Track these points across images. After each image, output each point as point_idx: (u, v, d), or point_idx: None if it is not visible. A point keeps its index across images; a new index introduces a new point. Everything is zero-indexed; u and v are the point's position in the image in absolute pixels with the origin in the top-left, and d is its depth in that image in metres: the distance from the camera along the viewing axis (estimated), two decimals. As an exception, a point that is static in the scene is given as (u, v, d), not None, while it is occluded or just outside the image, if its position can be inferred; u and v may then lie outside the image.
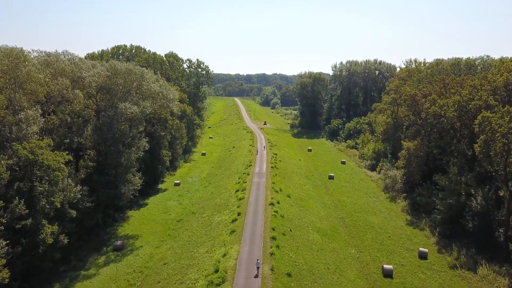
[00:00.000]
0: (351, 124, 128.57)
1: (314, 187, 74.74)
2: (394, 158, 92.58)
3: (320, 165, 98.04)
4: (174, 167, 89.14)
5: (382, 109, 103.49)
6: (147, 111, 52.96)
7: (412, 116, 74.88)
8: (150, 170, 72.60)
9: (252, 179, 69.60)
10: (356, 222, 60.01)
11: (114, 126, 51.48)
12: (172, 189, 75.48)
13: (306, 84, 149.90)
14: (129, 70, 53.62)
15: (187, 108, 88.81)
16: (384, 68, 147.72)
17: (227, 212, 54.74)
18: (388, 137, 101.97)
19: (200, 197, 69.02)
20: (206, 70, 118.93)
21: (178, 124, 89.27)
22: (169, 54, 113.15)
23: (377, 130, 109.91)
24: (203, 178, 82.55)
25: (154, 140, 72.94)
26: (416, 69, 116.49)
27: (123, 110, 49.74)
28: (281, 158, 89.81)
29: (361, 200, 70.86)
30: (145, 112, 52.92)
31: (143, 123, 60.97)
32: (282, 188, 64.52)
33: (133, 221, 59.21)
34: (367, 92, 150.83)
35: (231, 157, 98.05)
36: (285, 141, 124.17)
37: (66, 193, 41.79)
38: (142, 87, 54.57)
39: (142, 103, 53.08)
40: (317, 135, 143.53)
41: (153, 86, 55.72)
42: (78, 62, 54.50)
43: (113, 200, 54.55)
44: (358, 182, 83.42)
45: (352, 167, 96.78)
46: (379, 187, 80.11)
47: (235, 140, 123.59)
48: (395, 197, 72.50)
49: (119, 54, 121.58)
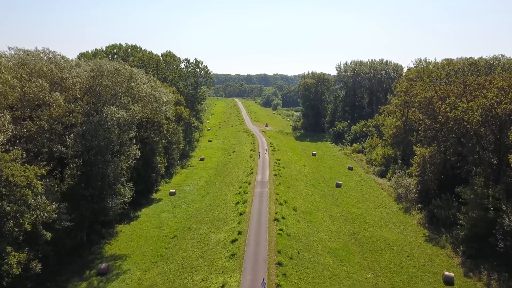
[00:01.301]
0: (357, 127, 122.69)
1: (321, 197, 68.84)
2: (405, 164, 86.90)
3: (326, 171, 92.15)
4: (170, 174, 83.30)
5: (391, 111, 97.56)
6: (136, 116, 47.03)
7: (428, 120, 68.97)
8: (143, 178, 66.77)
9: (254, 188, 63.75)
10: (369, 238, 54.12)
11: (100, 133, 45.63)
12: (167, 199, 69.63)
13: (309, 85, 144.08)
14: (116, 70, 47.81)
15: (183, 111, 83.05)
16: (390, 68, 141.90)
17: (226, 229, 48.86)
18: (398, 141, 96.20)
19: (196, 209, 63.15)
20: (205, 70, 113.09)
21: (175, 128, 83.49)
22: (165, 54, 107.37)
23: (385, 134, 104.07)
24: (201, 187, 76.68)
25: (147, 146, 67.13)
26: (426, 69, 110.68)
27: (109, 116, 43.84)
28: (284, 164, 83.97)
29: (372, 212, 64.98)
30: (134, 117, 46.95)
31: (134, 129, 55.09)
32: (287, 200, 58.64)
33: (122, 238, 53.36)
34: (372, 93, 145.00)
35: (231, 162, 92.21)
36: (288, 144, 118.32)
37: (39, 213, 35.92)
38: (131, 89, 48.73)
39: (131, 107, 47.20)
40: (321, 138, 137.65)
41: (144, 88, 49.88)
42: (60, 61, 48.68)
43: (98, 216, 48.68)
44: (367, 191, 77.55)
45: (360, 174, 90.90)
46: (391, 196, 74.24)
47: (236, 144, 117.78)
48: (409, 208, 66.64)
49: (114, 53, 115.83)
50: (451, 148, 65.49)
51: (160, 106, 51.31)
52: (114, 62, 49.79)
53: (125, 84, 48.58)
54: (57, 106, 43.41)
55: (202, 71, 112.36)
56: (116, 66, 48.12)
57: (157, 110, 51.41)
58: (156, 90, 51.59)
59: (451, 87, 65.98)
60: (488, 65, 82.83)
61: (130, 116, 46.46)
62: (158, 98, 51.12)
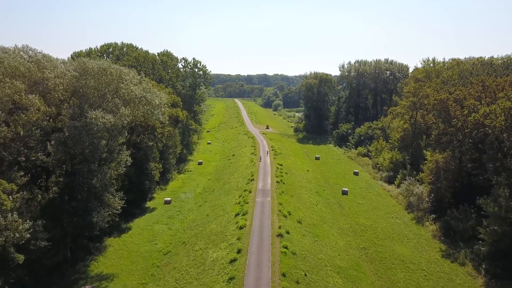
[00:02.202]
0: (361, 129, 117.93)
1: (327, 207, 64.14)
2: (415, 170, 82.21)
3: (330, 176, 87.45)
4: (165, 180, 78.61)
5: (399, 113, 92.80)
6: (125, 120, 42.34)
7: (441, 124, 64.23)
8: (135, 187, 62.14)
9: (255, 198, 59.06)
10: (381, 254, 49.45)
11: (84, 140, 40.97)
12: (161, 208, 64.96)
13: (311, 85, 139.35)
14: (102, 70, 43.15)
15: (180, 113, 78.34)
16: (395, 68, 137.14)
17: (224, 245, 44.16)
18: (406, 145, 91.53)
19: (193, 220, 58.46)
20: (203, 70, 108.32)
21: (171, 131, 78.88)
22: (162, 53, 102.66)
23: (392, 137, 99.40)
24: (198, 194, 71.96)
25: (140, 152, 62.51)
26: (435, 70, 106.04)
27: (94, 120, 39.18)
28: (287, 170, 79.25)
29: (383, 223, 60.31)
30: (123, 122, 42.28)
31: (124, 134, 50.45)
32: (291, 211, 53.91)
33: (111, 253, 48.68)
34: (377, 94, 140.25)
35: (231, 167, 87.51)
36: (290, 148, 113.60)
37: (9, 233, 31.26)
38: (119, 90, 44.03)
39: (120, 111, 42.53)
40: (324, 140, 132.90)
41: (135, 89, 45.18)
42: (41, 59, 43.99)
43: (82, 231, 44.00)
44: (375, 198, 72.85)
45: (367, 179, 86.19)
46: (401, 204, 69.56)
47: (236, 147, 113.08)
48: (421, 218, 61.97)
49: (110, 52, 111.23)
50: (467, 154, 60.84)
51: (152, 109, 46.55)
52: (101, 61, 45.12)
53: (113, 85, 43.87)
54: (35, 110, 38.74)
55: (201, 71, 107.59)
56: (102, 65, 43.45)
57: (149, 113, 46.63)
58: (148, 91, 46.88)
59: (467, 88, 61.18)
60: (506, 64, 77.98)
61: (119, 121, 41.66)
62: (150, 101, 46.42)
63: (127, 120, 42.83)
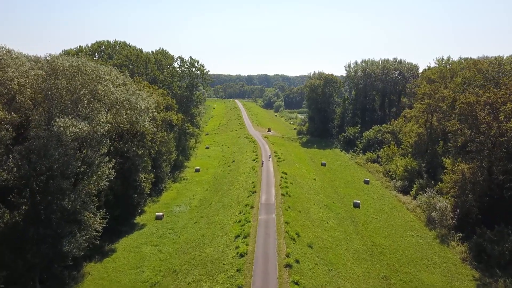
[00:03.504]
0: (370, 133, 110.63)
1: (339, 223, 56.85)
2: (432, 179, 74.99)
3: (339, 185, 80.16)
4: (158, 191, 71.34)
5: (414, 116, 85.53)
6: (101, 129, 35.11)
7: (468, 130, 56.96)
8: (122, 201, 54.90)
9: (257, 214, 51.81)
10: (406, 284, 42.19)
11: (51, 153, 33.72)
12: (152, 224, 57.72)
13: (316, 86, 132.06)
14: (76, 68, 35.95)
15: (174, 117, 71.09)
16: (404, 68, 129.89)
17: (222, 278, 36.86)
18: (421, 151, 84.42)
19: (187, 240, 51.17)
20: (201, 70, 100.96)
21: (165, 137, 71.67)
22: (156, 51, 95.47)
23: (404, 142, 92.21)
24: (194, 208, 64.67)
25: (127, 162, 55.28)
26: (450, 69, 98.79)
27: (61, 130, 31.96)
28: (292, 179, 71.99)
29: (403, 243, 53.04)
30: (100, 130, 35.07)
31: (106, 143, 43.29)
32: (300, 232, 46.61)
33: (89, 284, 41.43)
34: (385, 96, 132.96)
35: (231, 175, 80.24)
36: (294, 152, 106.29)
37: None
38: (97, 92, 36.81)
39: (97, 117, 35.33)
40: (329, 144, 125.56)
41: (116, 91, 37.94)
42: (4, 56, 36.80)
43: (52, 262, 36.74)
44: (390, 212, 65.61)
45: (379, 189, 78.89)
46: (420, 219, 62.35)
47: (236, 152, 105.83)
48: (446, 237, 54.74)
49: (101, 51, 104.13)
50: (498, 165, 53.63)
51: (137, 114, 39.32)
52: (74, 58, 37.89)
53: (89, 86, 36.62)
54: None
55: (198, 71, 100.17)
56: (76, 63, 36.24)
57: (133, 119, 39.42)
58: (132, 94, 39.66)
59: (501, 90, 53.89)
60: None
61: (96, 129, 34.45)
62: (135, 105, 39.15)
63: (105, 128, 35.51)
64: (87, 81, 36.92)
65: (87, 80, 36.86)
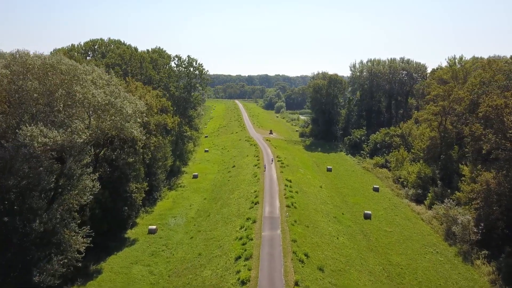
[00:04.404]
0: (377, 136, 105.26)
1: (350, 239, 51.49)
2: (447, 187, 69.70)
3: (347, 193, 74.81)
4: (152, 200, 65.96)
5: (426, 119, 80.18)
6: (78, 139, 29.79)
7: (493, 136, 51.61)
8: (110, 214, 49.56)
9: (261, 230, 46.47)
10: (431, 314, 36.85)
11: (17, 167, 28.41)
12: (144, 239, 52.35)
13: (320, 87, 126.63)
14: (50, 67, 30.64)
15: (169, 121, 65.69)
16: (412, 68, 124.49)
17: (220, 312, 31.54)
18: (434, 156, 79.07)
19: (182, 260, 45.81)
20: (199, 70, 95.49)
21: (160, 142, 66.35)
22: (152, 50, 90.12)
23: (415, 146, 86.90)
24: (191, 220, 59.29)
25: (116, 171, 49.93)
26: (463, 69, 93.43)
27: (27, 140, 26.65)
28: (297, 187, 66.68)
29: (422, 261, 47.69)
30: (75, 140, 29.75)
31: (89, 152, 38.01)
32: (309, 252, 41.27)
33: (69, 314, 36.11)
34: (392, 97, 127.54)
35: (231, 182, 74.89)
36: (297, 157, 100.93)
37: None
38: (74, 94, 31.47)
39: (73, 124, 30.02)
40: (334, 147, 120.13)
41: (98, 94, 32.61)
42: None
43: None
44: (404, 224, 60.28)
45: (390, 197, 73.54)
46: (437, 232, 57.08)
47: (236, 156, 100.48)
48: (469, 254, 49.41)
49: (95, 49, 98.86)
50: (528, 175, 48.33)
51: (122, 120, 34.00)
52: (47, 55, 32.60)
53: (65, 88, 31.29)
54: None
55: (197, 71, 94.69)
56: (49, 61, 30.90)
57: (118, 126, 34.10)
58: (118, 96, 34.31)
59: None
60: None
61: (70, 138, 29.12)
62: (120, 109, 33.81)
63: (83, 137, 30.20)
64: (64, 82, 31.56)
65: (64, 81, 31.49)
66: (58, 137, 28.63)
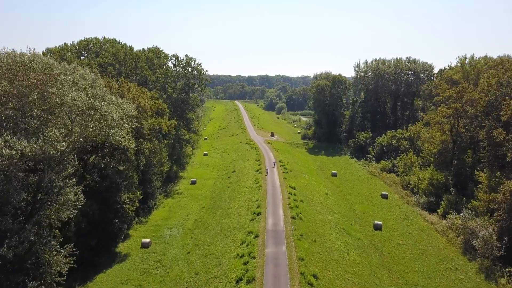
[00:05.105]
0: (384, 139, 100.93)
1: (362, 254, 47.14)
2: (461, 194, 65.48)
3: (354, 201, 70.49)
4: (147, 209, 61.63)
5: (438, 122, 75.88)
6: (52, 150, 25.50)
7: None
8: (99, 227, 45.35)
9: (264, 246, 42.15)
10: None
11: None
12: (136, 254, 48.01)
13: (323, 88, 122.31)
14: (20, 65, 26.33)
15: (164, 124, 61.35)
16: (419, 68, 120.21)
17: None
18: (446, 161, 74.75)
19: (177, 279, 41.47)
20: (198, 70, 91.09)
21: (155, 146, 62.07)
22: (148, 49, 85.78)
23: (424, 150, 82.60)
24: (188, 232, 54.91)
25: (105, 180, 45.65)
26: (474, 69, 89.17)
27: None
28: (302, 195, 62.39)
29: (441, 280, 43.45)
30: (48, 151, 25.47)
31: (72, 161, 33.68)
32: (318, 273, 36.94)
33: None
34: (397, 98, 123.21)
35: (231, 189, 70.54)
36: (300, 161, 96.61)
37: None
38: (50, 97, 27.17)
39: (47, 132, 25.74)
40: (338, 150, 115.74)
41: (78, 97, 28.28)
42: None
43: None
44: (418, 236, 55.99)
45: (399, 205, 69.24)
46: (454, 245, 52.83)
47: (236, 160, 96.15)
48: (491, 270, 45.31)
49: (89, 49, 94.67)
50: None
51: (107, 127, 29.68)
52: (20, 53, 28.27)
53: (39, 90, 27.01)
54: None
55: (195, 71, 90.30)
56: (19, 59, 26.59)
57: (102, 133, 29.81)
58: (102, 99, 30.00)
59: None
60: None
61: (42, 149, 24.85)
62: (104, 114, 29.51)
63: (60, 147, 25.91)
64: (38, 82, 27.28)
65: (38, 81, 27.21)
66: (28, 148, 24.34)
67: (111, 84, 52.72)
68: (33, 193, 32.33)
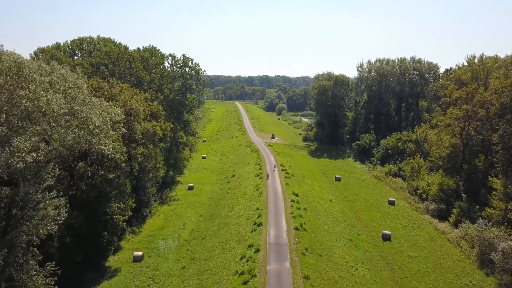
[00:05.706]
0: (389, 141, 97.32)
1: (371, 269, 43.56)
2: (474, 201, 61.89)
3: (360, 208, 66.90)
4: (141, 218, 58.06)
5: (448, 125, 72.34)
6: (18, 163, 21.95)
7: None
8: (87, 241, 41.80)
9: (265, 262, 38.58)
10: None
11: None
12: (127, 269, 44.39)
13: (325, 88, 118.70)
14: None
15: (158, 128, 57.76)
16: (424, 68, 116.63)
17: None
18: (455, 165, 71.17)
19: (170, 299, 37.91)
20: (195, 70, 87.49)
21: (150, 151, 58.51)
22: (143, 49, 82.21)
23: (432, 153, 79.09)
24: (183, 243, 51.30)
25: (93, 189, 42.06)
26: (484, 68, 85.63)
27: None
28: (305, 202, 58.85)
29: (459, 299, 39.79)
30: (15, 163, 21.92)
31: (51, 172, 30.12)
32: (326, 294, 33.35)
33: None
34: (402, 99, 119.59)
35: (230, 196, 66.95)
36: (302, 164, 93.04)
37: None
38: (20, 101, 23.62)
39: (14, 142, 22.18)
40: (340, 153, 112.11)
41: (54, 101, 24.71)
42: None
43: None
44: (429, 247, 52.43)
45: (408, 212, 65.67)
46: (468, 256, 49.30)
47: (236, 163, 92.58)
48: (511, 286, 41.45)
49: (82, 48, 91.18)
50: None
51: (87, 134, 26.11)
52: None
53: (6, 93, 23.45)
54: None
55: (193, 71, 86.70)
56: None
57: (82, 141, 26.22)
58: (82, 103, 26.42)
59: None
60: None
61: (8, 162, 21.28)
62: (85, 119, 25.93)
63: (29, 159, 22.35)
64: (6, 84, 23.70)
65: (7, 82, 23.64)
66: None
67: (101, 85, 49.15)
68: (6, 209, 28.92)
